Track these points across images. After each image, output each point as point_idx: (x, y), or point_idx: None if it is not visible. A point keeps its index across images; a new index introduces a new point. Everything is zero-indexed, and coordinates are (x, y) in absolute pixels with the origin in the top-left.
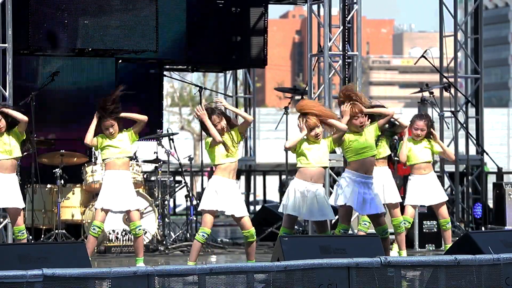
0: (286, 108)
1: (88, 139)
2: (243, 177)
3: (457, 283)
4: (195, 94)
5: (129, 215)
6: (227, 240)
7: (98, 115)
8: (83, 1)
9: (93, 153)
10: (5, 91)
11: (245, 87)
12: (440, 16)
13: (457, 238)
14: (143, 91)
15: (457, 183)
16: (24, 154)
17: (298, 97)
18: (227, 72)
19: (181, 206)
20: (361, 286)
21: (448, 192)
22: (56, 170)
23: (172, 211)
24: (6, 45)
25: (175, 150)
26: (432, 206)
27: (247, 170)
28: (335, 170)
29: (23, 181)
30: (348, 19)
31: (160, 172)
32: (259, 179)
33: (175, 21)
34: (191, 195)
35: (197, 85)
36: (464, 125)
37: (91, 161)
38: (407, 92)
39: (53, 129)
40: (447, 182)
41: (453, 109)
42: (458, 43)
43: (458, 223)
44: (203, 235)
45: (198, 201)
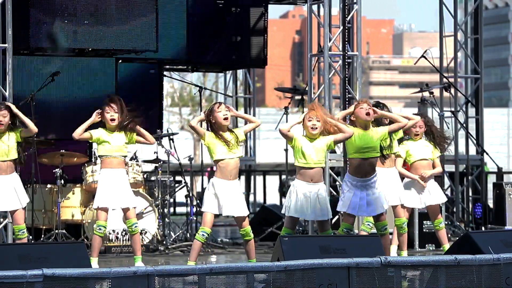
0: (286, 108)
1: (77, 133)
2: (243, 177)
3: (457, 283)
4: (195, 94)
5: (125, 212)
6: (227, 240)
7: (98, 116)
8: (83, 1)
9: (93, 153)
10: (5, 91)
11: (245, 87)
12: (440, 16)
13: (457, 238)
14: (143, 91)
15: (457, 183)
16: (24, 154)
17: (298, 97)
18: (227, 72)
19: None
20: (361, 286)
21: (448, 192)
22: (56, 170)
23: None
24: (6, 45)
25: (175, 150)
26: (427, 207)
27: (247, 170)
28: (335, 170)
29: (23, 181)
30: (348, 19)
31: (160, 172)
32: (259, 179)
33: (175, 21)
34: (191, 195)
35: (197, 85)
36: (464, 125)
37: (91, 161)
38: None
39: (53, 129)
40: (447, 182)
41: (453, 109)
42: (458, 43)
43: (458, 223)
44: (203, 235)
45: (198, 201)
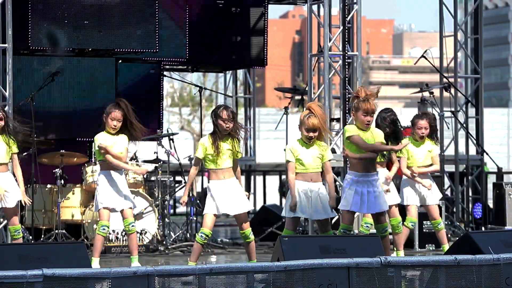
0: (286, 108)
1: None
2: (243, 177)
3: (457, 283)
4: (195, 94)
5: (123, 212)
6: (227, 240)
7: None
8: (83, 1)
9: (93, 153)
10: (5, 91)
11: (245, 87)
12: (440, 16)
13: (457, 238)
14: (143, 91)
15: (457, 183)
16: (24, 154)
17: (298, 97)
18: (227, 72)
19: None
20: (361, 286)
21: (448, 192)
22: (56, 170)
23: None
24: (6, 45)
25: (175, 150)
26: (424, 206)
27: (247, 170)
28: (335, 170)
29: (24, 181)
30: (348, 19)
31: (160, 172)
32: (259, 179)
33: (175, 21)
34: (191, 195)
35: (197, 85)
36: (464, 125)
37: (91, 161)
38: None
39: (53, 130)
40: (447, 182)
41: (453, 109)
42: (458, 43)
43: (458, 223)
44: (201, 236)
45: (198, 201)
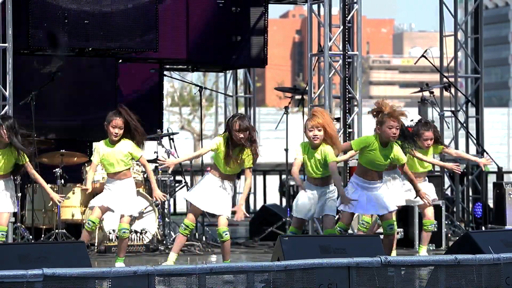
0: (286, 108)
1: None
2: (243, 177)
3: (457, 282)
4: (195, 94)
5: (120, 217)
6: None
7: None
8: (83, 0)
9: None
10: (5, 91)
11: (245, 86)
12: (440, 16)
13: (457, 238)
14: (143, 91)
15: (457, 182)
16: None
17: (298, 96)
18: (227, 71)
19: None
20: (362, 286)
21: (448, 192)
22: (56, 170)
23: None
24: (6, 44)
25: (175, 149)
26: (419, 205)
27: None
28: None
29: (23, 181)
30: (348, 18)
31: (160, 171)
32: (259, 178)
33: (176, 21)
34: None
35: (197, 85)
36: (464, 124)
37: (91, 161)
38: (407, 92)
39: (53, 129)
40: (447, 182)
41: (453, 108)
42: (458, 42)
43: (458, 222)
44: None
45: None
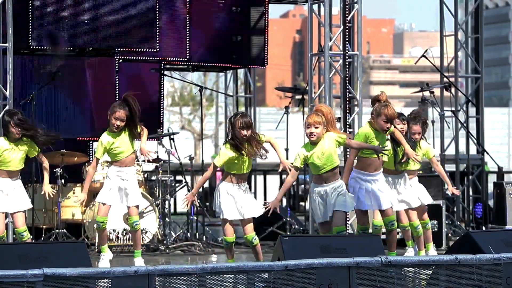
0: (286, 107)
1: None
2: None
3: (457, 282)
4: (195, 93)
5: (128, 209)
6: None
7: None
8: (83, 0)
9: (93, 152)
10: (6, 90)
11: (245, 86)
12: (440, 16)
13: (457, 238)
14: (144, 91)
15: (458, 182)
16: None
17: (298, 96)
18: (227, 71)
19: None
20: (362, 286)
21: (449, 192)
22: (57, 169)
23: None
24: (7, 44)
25: (175, 149)
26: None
27: None
28: None
29: (23, 181)
30: (348, 18)
31: (160, 171)
32: (260, 178)
33: (176, 20)
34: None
35: (197, 85)
36: (465, 124)
37: (91, 161)
38: (408, 92)
39: (53, 129)
40: None
41: (453, 108)
42: (459, 42)
43: (458, 222)
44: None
45: (198, 201)
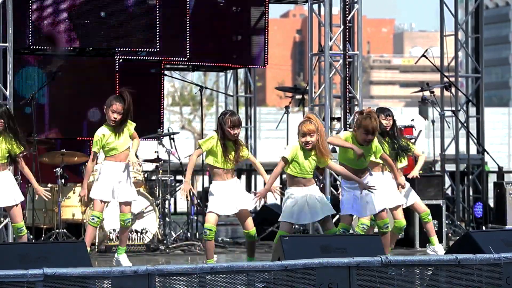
0: (287, 107)
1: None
2: (244, 176)
3: (457, 282)
4: (195, 93)
5: (121, 206)
6: (228, 240)
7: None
8: (84, 0)
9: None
10: (6, 90)
11: (245, 86)
12: (440, 16)
13: (457, 238)
14: (144, 91)
15: (458, 182)
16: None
17: (298, 96)
18: (227, 71)
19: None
20: (362, 286)
21: (449, 192)
22: (57, 169)
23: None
24: (7, 44)
25: (175, 149)
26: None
27: (248, 169)
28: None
29: (24, 181)
30: (348, 18)
31: (160, 171)
32: (260, 178)
33: (176, 20)
34: (191, 194)
35: (198, 85)
36: (465, 124)
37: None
38: (408, 92)
39: (53, 129)
40: (448, 181)
41: (453, 108)
42: (459, 42)
43: (458, 222)
44: (205, 232)
45: (199, 201)
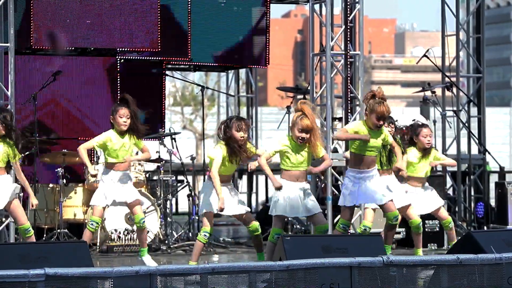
0: (288, 107)
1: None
2: (245, 177)
3: (459, 282)
4: (197, 93)
5: (132, 208)
6: (229, 240)
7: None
8: (85, 0)
9: (95, 152)
10: (7, 90)
11: (247, 86)
12: (442, 16)
13: (459, 238)
14: (145, 91)
15: (459, 182)
16: (26, 154)
17: (300, 96)
18: (229, 71)
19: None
20: (363, 286)
21: (450, 192)
22: (58, 169)
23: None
24: (8, 44)
25: (177, 149)
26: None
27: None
28: (337, 170)
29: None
30: (350, 18)
31: (162, 171)
32: (261, 178)
33: (178, 20)
34: (193, 194)
35: (199, 85)
36: (466, 124)
37: (93, 161)
38: (409, 92)
39: (55, 129)
40: (449, 181)
41: (455, 108)
42: (460, 42)
43: (460, 222)
44: (205, 235)
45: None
